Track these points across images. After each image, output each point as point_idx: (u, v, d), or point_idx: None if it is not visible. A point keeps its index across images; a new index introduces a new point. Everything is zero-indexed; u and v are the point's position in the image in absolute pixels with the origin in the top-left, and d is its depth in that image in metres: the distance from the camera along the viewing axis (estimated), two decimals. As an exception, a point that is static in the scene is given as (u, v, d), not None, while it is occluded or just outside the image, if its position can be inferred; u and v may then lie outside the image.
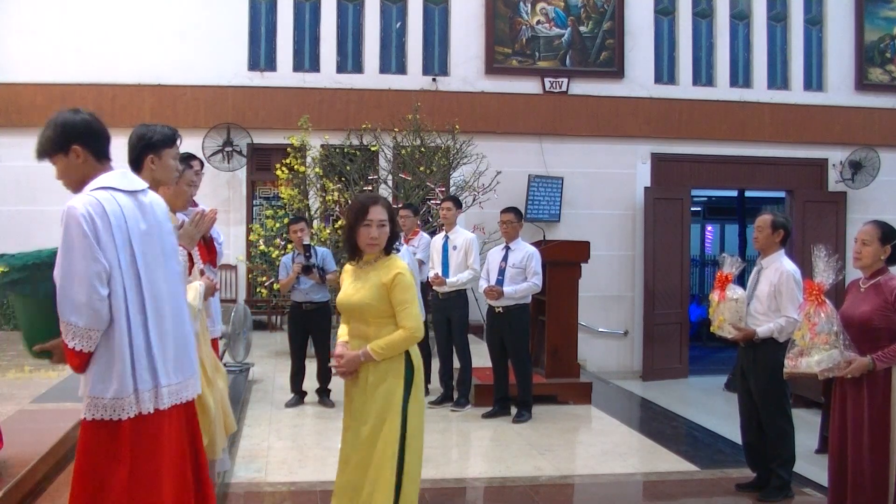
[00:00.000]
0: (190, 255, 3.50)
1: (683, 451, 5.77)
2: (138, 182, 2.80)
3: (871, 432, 3.70)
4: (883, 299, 3.73)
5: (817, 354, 3.78)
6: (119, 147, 3.50)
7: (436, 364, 7.06)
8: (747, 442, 4.78)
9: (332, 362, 3.51)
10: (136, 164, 3.41)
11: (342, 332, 3.56)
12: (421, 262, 7.15)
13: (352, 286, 3.48)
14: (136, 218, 2.69)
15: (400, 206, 7.52)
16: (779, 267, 4.60)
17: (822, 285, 3.89)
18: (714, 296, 4.64)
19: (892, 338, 3.67)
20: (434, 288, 6.79)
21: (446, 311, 6.72)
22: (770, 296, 4.55)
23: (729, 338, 4.51)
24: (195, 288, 3.78)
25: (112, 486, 2.50)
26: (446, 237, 6.81)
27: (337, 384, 7.01)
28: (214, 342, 4.73)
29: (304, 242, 6.70)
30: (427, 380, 7.24)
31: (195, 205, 4.42)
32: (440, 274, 6.68)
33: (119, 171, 2.78)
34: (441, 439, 5.69)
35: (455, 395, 6.78)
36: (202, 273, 4.15)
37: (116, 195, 2.68)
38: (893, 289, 3.72)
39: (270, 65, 11.55)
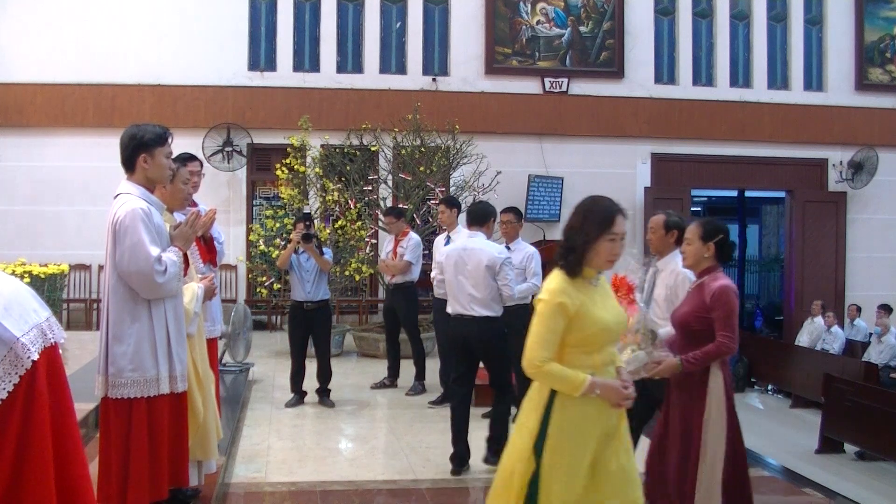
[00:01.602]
0: (186, 255, 3.50)
1: (683, 451, 5.75)
2: None
3: (682, 437, 3.57)
4: (701, 300, 3.57)
5: (625, 354, 3.58)
6: (118, 147, 3.51)
7: (436, 364, 7.06)
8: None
9: (629, 391, 2.84)
10: (129, 163, 3.41)
11: (579, 374, 2.78)
12: (409, 264, 7.18)
13: (604, 307, 2.89)
14: None
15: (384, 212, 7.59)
16: (674, 269, 4.24)
17: (632, 284, 3.64)
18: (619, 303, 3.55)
19: (710, 340, 3.50)
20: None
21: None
22: (667, 299, 4.20)
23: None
24: (192, 290, 3.78)
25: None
26: (448, 237, 6.80)
27: (337, 384, 7.03)
28: (214, 342, 4.73)
29: (305, 212, 6.63)
30: (422, 377, 7.28)
31: (194, 204, 4.42)
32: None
33: None
34: (441, 439, 5.68)
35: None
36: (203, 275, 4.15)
37: None
38: (713, 291, 3.54)
39: (270, 65, 11.55)
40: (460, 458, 5.03)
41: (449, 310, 5.24)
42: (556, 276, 2.88)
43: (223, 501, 4.35)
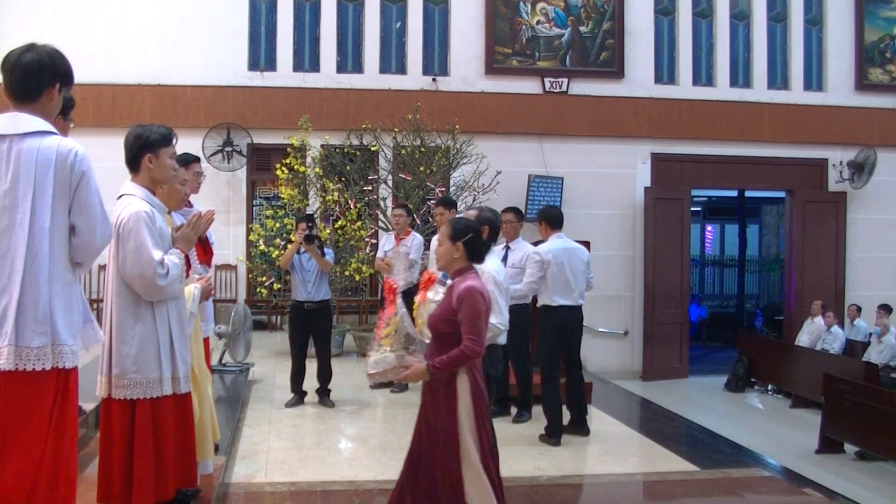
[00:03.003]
0: (187, 257, 3.50)
1: (683, 451, 5.77)
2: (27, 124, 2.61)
3: (440, 444, 3.45)
4: (449, 303, 3.48)
5: (376, 354, 3.55)
6: (118, 147, 3.51)
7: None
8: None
9: None
10: (134, 163, 3.42)
11: None
12: (413, 263, 7.18)
13: None
14: None
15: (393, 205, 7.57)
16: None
17: (395, 285, 3.62)
18: (416, 297, 4.01)
19: (459, 343, 3.40)
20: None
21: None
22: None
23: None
24: (190, 291, 3.79)
25: None
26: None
27: (337, 384, 7.03)
28: (206, 341, 4.72)
29: (307, 213, 6.66)
30: None
31: (190, 205, 4.42)
32: (440, 276, 6.67)
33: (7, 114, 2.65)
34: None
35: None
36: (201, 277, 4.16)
37: None
38: (459, 293, 3.44)
39: (270, 65, 11.55)
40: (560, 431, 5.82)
41: (557, 302, 5.94)
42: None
43: (223, 501, 4.35)
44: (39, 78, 2.63)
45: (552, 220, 6.16)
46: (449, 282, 3.65)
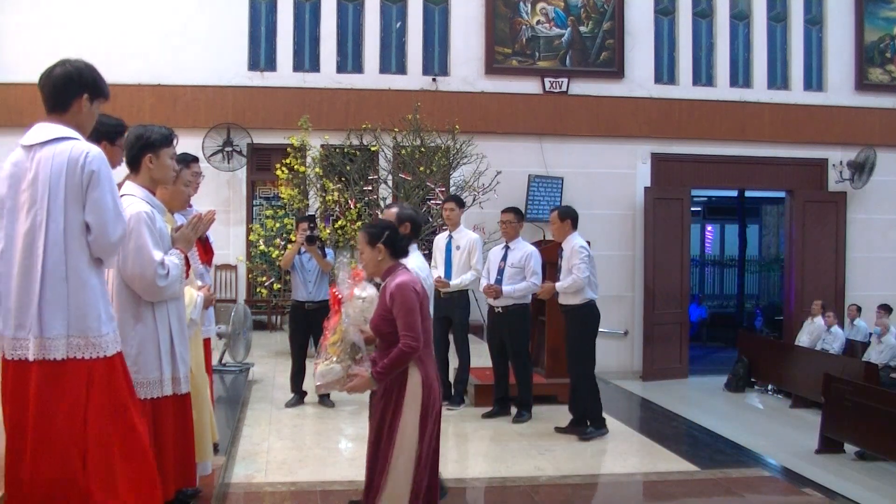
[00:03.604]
0: (187, 257, 3.50)
1: (683, 451, 5.76)
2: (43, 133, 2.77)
3: (378, 440, 3.53)
4: (384, 303, 3.50)
5: (322, 366, 3.53)
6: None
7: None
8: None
9: None
10: (134, 163, 3.42)
11: None
12: None
13: None
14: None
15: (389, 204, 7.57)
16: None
17: (339, 295, 3.59)
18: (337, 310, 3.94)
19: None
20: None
21: (447, 311, 6.71)
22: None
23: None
24: (191, 296, 3.79)
25: None
26: (450, 237, 6.80)
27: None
28: (207, 341, 4.72)
29: (309, 213, 6.68)
30: None
31: (189, 205, 4.42)
32: (442, 275, 6.67)
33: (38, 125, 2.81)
34: (440, 439, 5.67)
35: (452, 393, 6.78)
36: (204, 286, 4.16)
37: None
38: (391, 292, 3.46)
39: (270, 65, 11.55)
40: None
41: (595, 297, 6.10)
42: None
43: (223, 501, 4.35)
44: (67, 90, 2.80)
45: (576, 220, 6.17)
46: (378, 281, 3.66)
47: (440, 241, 6.90)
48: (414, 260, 4.10)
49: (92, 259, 2.75)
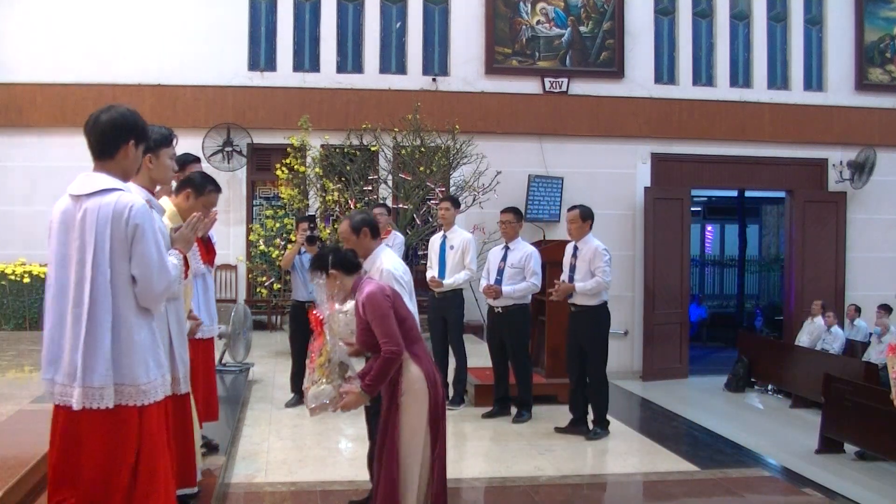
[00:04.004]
0: (186, 258, 3.49)
1: (683, 451, 5.76)
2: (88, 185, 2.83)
3: (388, 451, 3.60)
4: (360, 316, 3.59)
5: (313, 389, 3.54)
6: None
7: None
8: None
9: None
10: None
11: None
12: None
13: None
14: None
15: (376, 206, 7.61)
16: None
17: (321, 316, 3.60)
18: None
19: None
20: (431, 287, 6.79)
21: (442, 311, 6.71)
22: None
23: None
24: (188, 294, 3.78)
25: None
26: (444, 237, 6.80)
27: (337, 384, 7.03)
28: (211, 341, 4.70)
29: (309, 214, 6.67)
30: None
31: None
32: (436, 275, 6.68)
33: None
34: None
35: (450, 394, 6.77)
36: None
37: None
38: (361, 303, 3.55)
39: (270, 65, 11.55)
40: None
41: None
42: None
43: (223, 501, 4.35)
44: (114, 136, 2.82)
45: (593, 221, 6.15)
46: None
47: (434, 240, 6.91)
48: (388, 259, 4.09)
49: (140, 308, 2.78)
